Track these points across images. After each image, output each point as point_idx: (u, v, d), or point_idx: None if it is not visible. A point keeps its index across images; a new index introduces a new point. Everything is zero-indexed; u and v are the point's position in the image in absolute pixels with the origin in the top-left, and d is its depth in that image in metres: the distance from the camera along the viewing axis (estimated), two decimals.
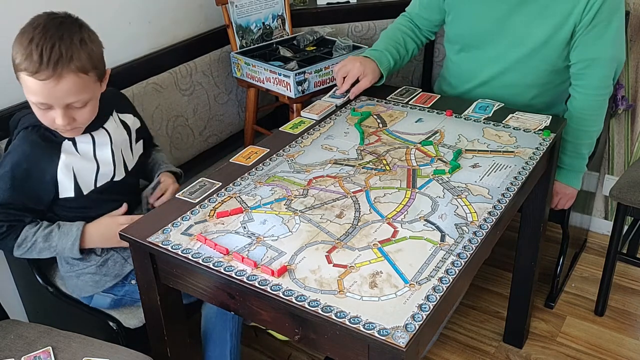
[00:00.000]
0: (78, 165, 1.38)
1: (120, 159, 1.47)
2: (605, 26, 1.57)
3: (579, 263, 2.27)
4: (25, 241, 1.36)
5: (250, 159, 1.44)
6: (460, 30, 1.78)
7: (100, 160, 1.42)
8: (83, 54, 1.25)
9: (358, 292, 1.00)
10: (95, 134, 1.41)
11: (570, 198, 1.82)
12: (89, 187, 1.42)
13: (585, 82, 1.65)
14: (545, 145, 1.45)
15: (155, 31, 1.97)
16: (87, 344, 1.31)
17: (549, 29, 1.61)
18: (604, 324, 1.99)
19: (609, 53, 1.61)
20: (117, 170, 1.45)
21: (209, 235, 1.16)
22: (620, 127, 2.23)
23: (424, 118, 1.61)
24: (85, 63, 1.25)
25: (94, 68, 1.28)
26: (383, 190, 1.29)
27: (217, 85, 2.13)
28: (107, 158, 1.43)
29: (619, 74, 1.69)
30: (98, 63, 1.30)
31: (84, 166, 1.39)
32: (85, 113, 1.32)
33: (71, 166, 1.37)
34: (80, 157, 1.39)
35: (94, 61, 1.28)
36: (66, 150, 1.37)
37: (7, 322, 1.43)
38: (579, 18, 1.57)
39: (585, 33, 1.59)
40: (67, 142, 1.37)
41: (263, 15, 2.14)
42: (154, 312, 1.30)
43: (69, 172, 1.37)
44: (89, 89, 1.29)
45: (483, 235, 1.14)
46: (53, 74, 1.21)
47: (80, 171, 1.39)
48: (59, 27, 1.24)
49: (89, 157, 1.40)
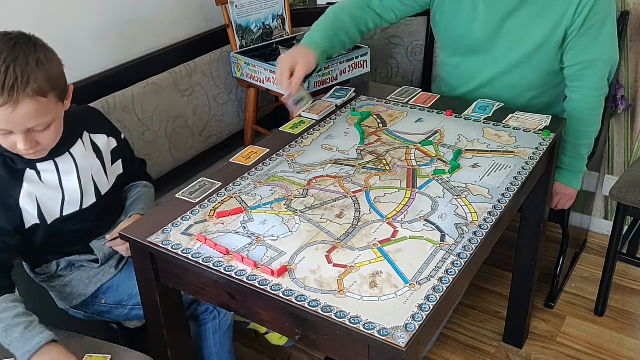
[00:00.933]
0: (42, 195, 1.31)
1: (90, 184, 1.39)
2: (600, 28, 1.58)
3: (579, 263, 2.27)
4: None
5: (250, 159, 1.44)
6: (454, 37, 1.77)
7: (67, 189, 1.34)
8: (40, 75, 1.17)
9: (358, 292, 1.00)
10: (59, 160, 1.33)
11: (570, 198, 1.82)
12: (54, 215, 1.34)
13: (583, 83, 1.65)
14: (545, 145, 1.45)
15: (155, 31, 1.97)
16: (87, 344, 1.31)
17: (543, 33, 1.61)
18: (604, 324, 1.99)
19: (606, 54, 1.62)
20: (85, 198, 1.38)
21: (209, 235, 1.16)
22: (620, 127, 2.23)
23: (424, 118, 1.61)
24: (43, 85, 1.17)
25: (53, 89, 1.20)
26: (383, 190, 1.29)
27: (217, 86, 2.13)
28: (73, 186, 1.35)
29: (613, 74, 1.70)
30: (58, 83, 1.22)
31: (48, 195, 1.32)
32: (48, 135, 1.24)
33: (34, 195, 1.30)
34: (44, 186, 1.32)
35: (52, 82, 1.20)
36: (29, 179, 1.30)
37: None
38: (570, 22, 1.57)
39: (578, 36, 1.59)
40: (29, 171, 1.30)
41: (263, 15, 2.14)
42: (154, 312, 1.30)
43: (33, 202, 1.30)
44: (50, 111, 1.21)
45: (483, 235, 1.14)
46: (9, 99, 1.13)
47: (44, 200, 1.32)
48: (13, 49, 1.16)
49: (53, 186, 1.33)
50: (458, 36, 1.75)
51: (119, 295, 1.45)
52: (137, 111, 1.82)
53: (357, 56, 2.03)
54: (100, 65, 1.79)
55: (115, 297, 1.46)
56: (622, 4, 2.03)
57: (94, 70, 1.77)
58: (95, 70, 1.77)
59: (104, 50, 1.79)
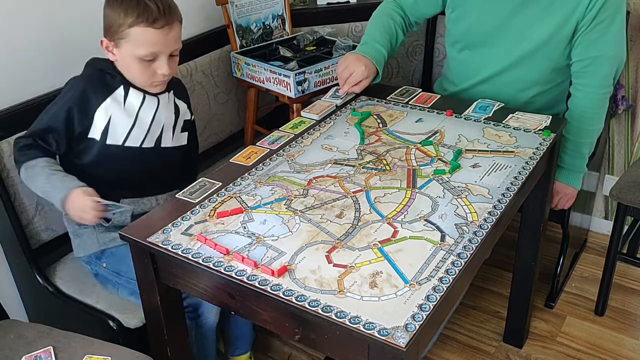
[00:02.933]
0: (116, 116, 1.44)
1: (157, 130, 1.51)
2: (608, 24, 1.58)
3: (579, 263, 2.27)
4: (34, 167, 1.39)
5: (250, 159, 1.44)
6: (465, 27, 1.77)
7: (139, 120, 1.47)
8: (177, 7, 1.42)
9: (358, 292, 1.00)
10: (147, 96, 1.48)
11: (570, 198, 1.82)
12: (117, 140, 1.46)
13: (587, 80, 1.65)
14: (545, 145, 1.45)
15: None
16: (87, 344, 1.31)
17: (552, 26, 1.61)
18: (604, 324, 1.99)
19: (612, 51, 1.61)
20: (148, 137, 1.50)
21: (209, 235, 1.16)
22: (620, 127, 2.23)
23: (424, 118, 1.61)
24: (180, 14, 1.43)
25: (181, 21, 1.44)
26: (383, 190, 1.29)
27: (217, 85, 2.13)
28: (146, 120, 1.48)
29: (619, 73, 1.69)
30: None
31: (121, 118, 1.45)
32: (175, 64, 1.46)
33: (109, 113, 1.43)
34: (123, 109, 1.45)
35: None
36: (114, 97, 1.44)
37: (7, 322, 1.43)
38: (582, 16, 1.57)
39: (587, 31, 1.59)
40: (120, 90, 1.44)
41: (263, 15, 2.13)
42: (154, 312, 1.30)
43: (106, 117, 1.43)
44: (181, 38, 1.45)
45: (483, 235, 1.14)
46: (167, 22, 1.36)
47: (115, 121, 1.44)
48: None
49: (130, 112, 1.46)
50: (467, 28, 1.76)
51: (118, 264, 1.49)
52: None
53: None
54: None
55: (114, 265, 1.50)
56: None
57: None
58: None
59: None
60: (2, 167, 1.51)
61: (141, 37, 1.36)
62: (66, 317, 1.59)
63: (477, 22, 1.73)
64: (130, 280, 1.48)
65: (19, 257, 1.58)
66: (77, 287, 1.57)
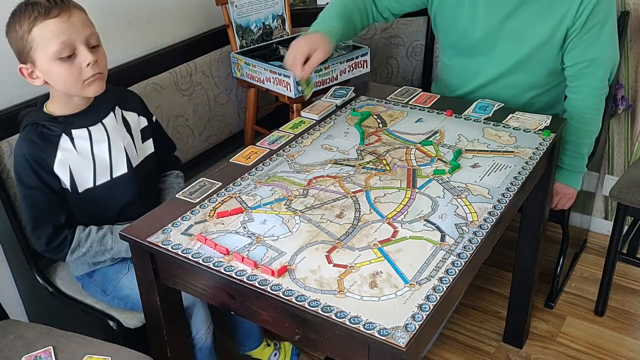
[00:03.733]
0: (74, 164, 1.39)
1: (121, 156, 1.46)
2: (601, 28, 1.57)
3: (579, 263, 2.27)
4: (79, 247, 1.41)
5: (250, 159, 1.44)
6: (455, 37, 1.77)
7: (97, 157, 1.42)
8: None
9: (358, 292, 1.00)
10: (93, 129, 1.41)
11: (570, 198, 1.82)
12: (86, 184, 1.42)
13: (584, 82, 1.65)
14: (545, 145, 1.45)
15: (155, 31, 1.97)
16: (87, 344, 1.31)
17: (543, 33, 1.61)
18: (604, 324, 1.99)
19: (607, 54, 1.62)
20: (114, 168, 1.45)
21: (209, 235, 1.16)
22: (620, 127, 2.23)
23: (424, 118, 1.61)
24: (78, 4, 1.34)
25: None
26: (383, 190, 1.29)
27: (217, 85, 2.13)
28: (103, 154, 1.43)
29: (614, 74, 1.70)
30: None
31: (81, 163, 1.40)
32: (102, 56, 1.35)
33: (67, 164, 1.38)
34: (77, 154, 1.39)
35: None
36: (63, 147, 1.38)
37: (7, 322, 1.43)
38: (572, 21, 1.57)
39: (579, 36, 1.58)
40: (64, 137, 1.38)
41: (263, 15, 2.13)
42: (154, 312, 1.30)
43: (66, 169, 1.38)
44: (94, 26, 1.35)
45: (483, 235, 1.14)
46: (63, 8, 1.27)
47: (76, 168, 1.40)
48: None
49: (85, 155, 1.41)
50: (458, 38, 1.75)
51: (106, 283, 1.50)
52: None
53: (357, 56, 2.03)
54: None
55: (103, 284, 1.50)
56: (622, 4, 2.03)
57: None
58: None
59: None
60: (2, 168, 1.51)
61: (44, 33, 1.26)
62: (66, 317, 1.59)
63: (468, 33, 1.72)
64: (114, 299, 1.50)
65: (19, 257, 1.57)
66: (77, 287, 1.57)
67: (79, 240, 1.41)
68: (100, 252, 1.43)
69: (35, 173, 1.35)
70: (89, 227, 1.43)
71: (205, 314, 1.51)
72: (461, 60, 1.79)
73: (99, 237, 1.42)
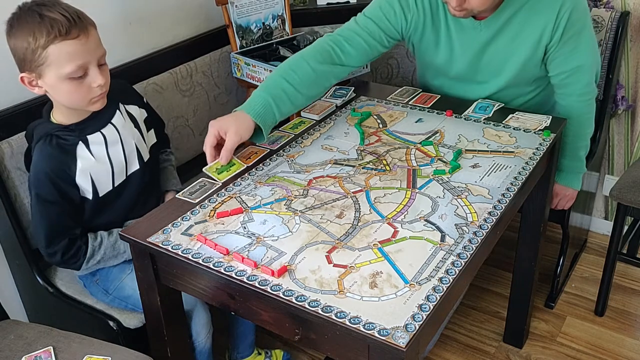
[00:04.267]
0: (94, 171, 1.39)
1: (133, 153, 1.47)
2: (578, 37, 1.56)
3: (579, 263, 2.27)
4: (93, 256, 1.41)
5: (250, 159, 1.44)
6: (434, 70, 1.76)
7: (114, 159, 1.42)
8: (83, 13, 1.30)
9: (358, 292, 1.00)
10: (105, 131, 1.41)
11: (570, 199, 1.82)
12: (106, 188, 1.42)
13: (570, 90, 1.64)
14: (545, 145, 1.45)
15: (155, 31, 1.97)
16: (87, 344, 1.31)
17: (524, 54, 1.59)
18: (604, 324, 1.99)
19: (589, 60, 1.61)
20: (129, 166, 1.46)
21: (209, 236, 1.16)
22: (620, 127, 2.23)
23: (424, 118, 1.61)
24: (91, 19, 1.31)
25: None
26: (383, 190, 1.29)
27: (217, 86, 2.13)
28: (119, 155, 1.43)
29: (598, 77, 1.69)
30: None
31: (99, 170, 1.40)
32: (107, 72, 1.34)
33: (88, 172, 1.38)
34: (96, 161, 1.39)
35: None
36: (81, 155, 1.37)
37: (7, 322, 1.43)
38: (549, 38, 1.55)
39: (558, 48, 1.57)
40: (80, 145, 1.37)
41: (263, 16, 2.14)
42: (154, 312, 1.30)
43: (87, 177, 1.38)
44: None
45: (483, 235, 1.14)
46: (82, 29, 1.25)
47: (96, 176, 1.40)
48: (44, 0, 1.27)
49: (103, 160, 1.40)
50: (438, 70, 1.74)
51: (107, 282, 1.50)
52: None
53: None
54: None
55: (105, 283, 1.50)
56: (622, 4, 2.03)
57: None
58: None
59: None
60: (3, 169, 1.51)
61: (61, 54, 1.23)
62: (66, 317, 1.59)
63: (447, 68, 1.70)
64: (115, 299, 1.50)
65: (19, 258, 1.58)
66: (77, 287, 1.57)
67: (93, 249, 1.41)
68: (114, 257, 1.45)
69: (56, 187, 1.34)
70: (99, 234, 1.43)
71: (206, 318, 1.51)
72: (445, 80, 1.77)
73: (111, 243, 1.43)
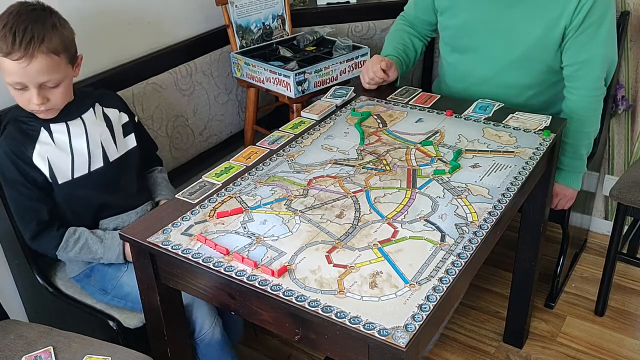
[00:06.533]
0: (53, 155, 1.43)
1: (98, 150, 1.50)
2: (597, 28, 1.57)
3: (579, 263, 2.27)
4: (66, 249, 1.45)
5: (250, 159, 1.44)
6: (453, 31, 1.78)
7: (75, 151, 1.46)
8: (54, 36, 1.33)
9: (358, 292, 1.00)
10: (71, 124, 1.46)
11: (570, 199, 1.82)
12: (66, 177, 1.45)
13: (579, 83, 1.65)
14: (545, 145, 1.45)
15: (155, 31, 1.97)
16: (87, 344, 1.31)
17: (539, 30, 1.61)
18: (604, 324, 1.99)
19: (601, 54, 1.61)
20: (92, 162, 1.49)
21: (209, 236, 1.16)
22: (620, 127, 2.23)
23: (424, 118, 1.61)
24: (56, 45, 1.33)
25: (64, 51, 1.36)
26: (383, 190, 1.29)
27: (217, 85, 2.13)
28: (81, 148, 1.47)
29: (612, 74, 1.69)
30: (69, 47, 1.39)
31: (59, 156, 1.44)
32: (58, 94, 1.38)
33: (46, 156, 1.42)
34: (55, 146, 1.44)
35: (65, 44, 1.36)
36: (41, 141, 1.42)
37: (7, 322, 1.43)
38: (569, 20, 1.57)
39: (576, 35, 1.58)
40: (43, 132, 1.43)
41: (263, 15, 2.14)
42: (154, 312, 1.30)
43: (44, 161, 1.42)
44: (61, 70, 1.36)
45: (483, 235, 1.14)
46: (25, 54, 1.29)
47: (55, 161, 1.43)
48: (31, 13, 1.33)
49: (64, 147, 1.45)
50: (456, 30, 1.76)
51: (105, 281, 1.51)
52: (137, 111, 1.82)
53: (357, 56, 2.03)
54: (101, 65, 1.79)
55: (102, 283, 1.51)
56: (622, 4, 2.03)
57: (94, 70, 1.77)
58: (95, 70, 1.77)
59: (104, 50, 1.79)
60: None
61: (4, 66, 1.32)
62: (66, 317, 1.59)
63: (464, 26, 1.73)
64: (114, 298, 1.51)
65: (19, 257, 1.58)
66: (77, 287, 1.57)
67: (67, 242, 1.45)
68: (89, 259, 1.48)
69: (16, 166, 1.40)
70: (80, 230, 1.47)
71: (208, 308, 1.49)
72: (459, 57, 1.80)
73: (88, 245, 1.46)
